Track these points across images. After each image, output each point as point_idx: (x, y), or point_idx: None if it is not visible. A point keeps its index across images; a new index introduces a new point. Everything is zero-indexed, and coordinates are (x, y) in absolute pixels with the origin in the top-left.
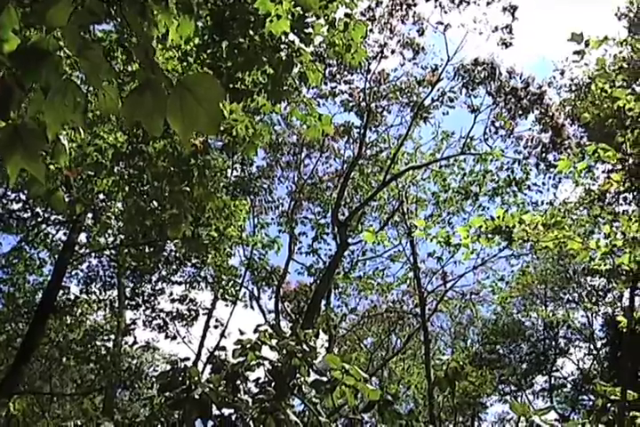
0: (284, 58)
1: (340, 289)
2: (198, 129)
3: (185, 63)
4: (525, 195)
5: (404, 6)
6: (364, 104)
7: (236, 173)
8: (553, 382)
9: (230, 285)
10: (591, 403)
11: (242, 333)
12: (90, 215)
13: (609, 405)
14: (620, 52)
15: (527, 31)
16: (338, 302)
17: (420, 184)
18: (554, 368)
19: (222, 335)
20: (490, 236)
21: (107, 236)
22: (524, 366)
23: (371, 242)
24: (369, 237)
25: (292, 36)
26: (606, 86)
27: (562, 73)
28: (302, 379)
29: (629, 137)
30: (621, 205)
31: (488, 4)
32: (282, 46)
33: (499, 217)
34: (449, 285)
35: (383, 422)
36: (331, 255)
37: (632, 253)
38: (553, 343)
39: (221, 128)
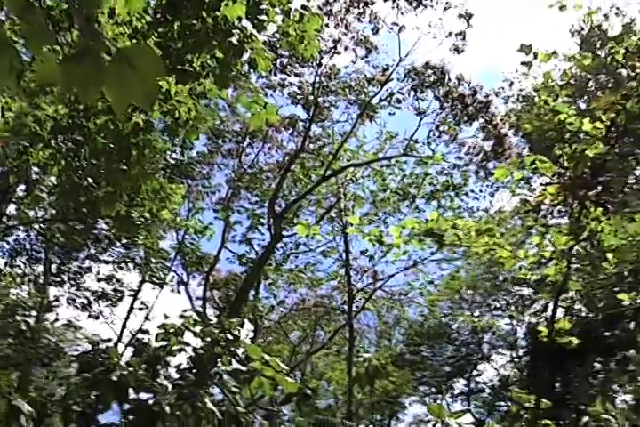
0: (235, 43)
1: (269, 281)
2: (134, 101)
3: (135, 40)
4: (462, 200)
5: (362, 4)
6: (311, 98)
7: (176, 156)
8: (472, 386)
9: (159, 268)
10: (507, 409)
11: (166, 317)
12: (22, 187)
13: (522, 411)
14: (570, 68)
15: (481, 40)
16: (267, 294)
17: (359, 182)
18: (475, 373)
19: (146, 318)
20: (422, 238)
21: (37, 209)
22: (446, 369)
23: (304, 235)
24: (302, 229)
25: (245, 22)
26: (549, 99)
27: (510, 84)
28: (223, 368)
29: (567, 151)
30: (554, 217)
31: (445, 9)
32: (234, 31)
33: (432, 220)
34: (379, 284)
35: (300, 415)
36: (264, 246)
37: (559, 264)
38: (477, 348)
39: (165, 109)
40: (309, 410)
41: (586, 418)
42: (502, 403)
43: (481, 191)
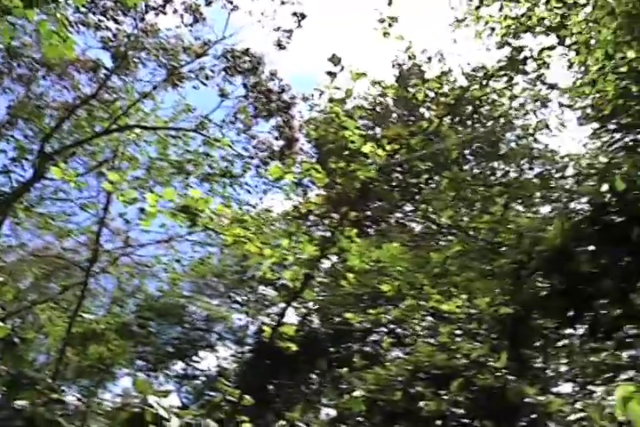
0: None
1: (17, 220)
2: None
3: None
4: (235, 190)
5: None
6: (123, 49)
7: None
8: (189, 371)
9: None
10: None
11: None
12: None
13: (224, 404)
14: (381, 95)
15: (308, 45)
16: (9, 233)
17: (141, 145)
18: (195, 359)
19: None
20: (176, 212)
21: None
22: (169, 349)
23: (58, 177)
24: (57, 171)
25: None
26: (341, 112)
27: (321, 94)
28: None
29: (341, 166)
30: (320, 230)
31: (282, 3)
32: None
33: (193, 198)
34: (128, 250)
35: (3, 362)
36: (22, 183)
37: (297, 271)
38: (205, 336)
39: None
40: (12, 359)
41: (283, 422)
42: (212, 393)
43: (256, 186)
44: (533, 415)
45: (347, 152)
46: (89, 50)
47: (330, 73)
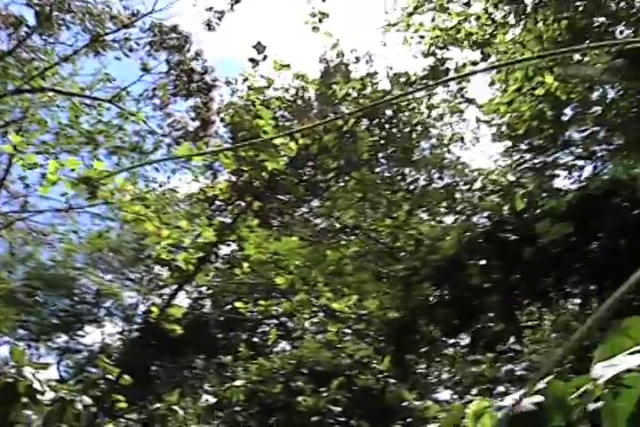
0: None
1: None
2: None
3: None
4: (143, 166)
5: None
6: (48, 8)
7: None
8: (72, 345)
9: None
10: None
11: None
12: None
13: (102, 381)
14: (303, 89)
15: (240, 28)
16: None
17: (53, 109)
18: (80, 333)
19: None
20: (77, 182)
21: None
22: (54, 320)
23: None
24: None
25: None
26: (257, 102)
27: (245, 79)
28: None
29: (250, 154)
30: (226, 217)
31: None
32: None
33: (96, 169)
34: (24, 215)
35: None
36: None
37: (192, 254)
38: (93, 311)
39: None
40: None
41: (158, 404)
42: (93, 369)
43: (165, 165)
44: (409, 419)
45: (257, 140)
46: (12, 5)
47: (252, 60)
